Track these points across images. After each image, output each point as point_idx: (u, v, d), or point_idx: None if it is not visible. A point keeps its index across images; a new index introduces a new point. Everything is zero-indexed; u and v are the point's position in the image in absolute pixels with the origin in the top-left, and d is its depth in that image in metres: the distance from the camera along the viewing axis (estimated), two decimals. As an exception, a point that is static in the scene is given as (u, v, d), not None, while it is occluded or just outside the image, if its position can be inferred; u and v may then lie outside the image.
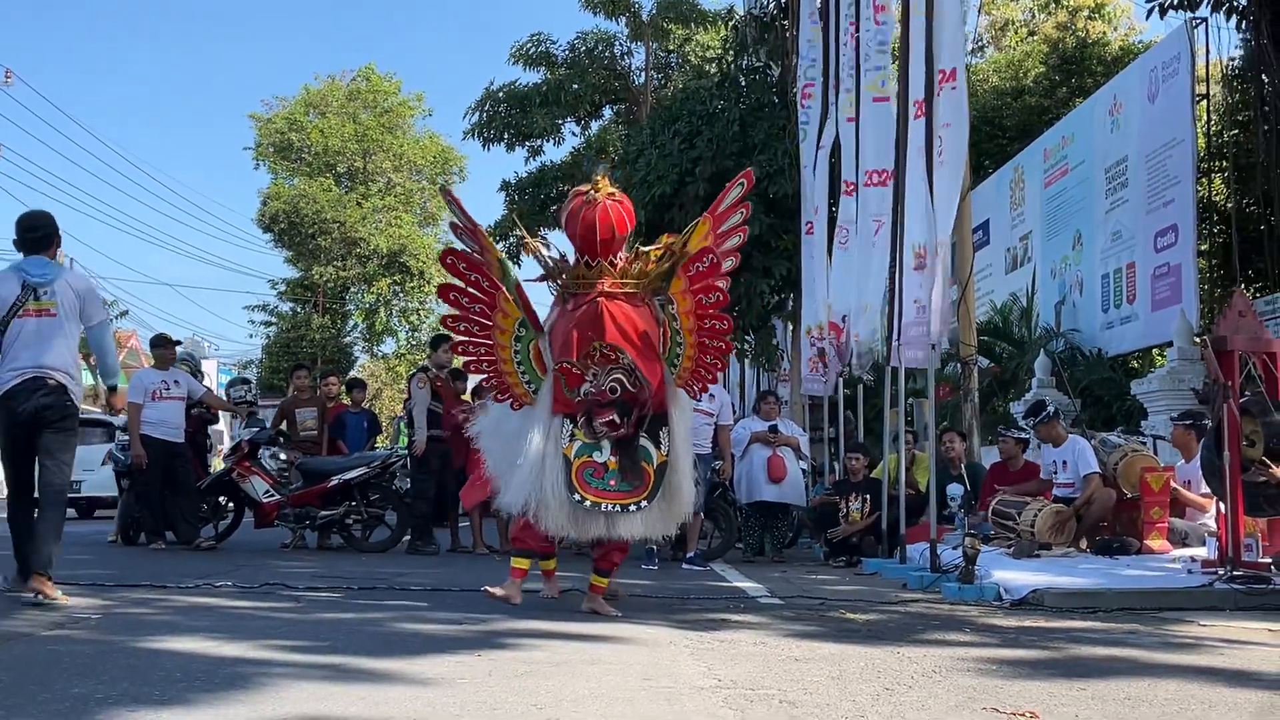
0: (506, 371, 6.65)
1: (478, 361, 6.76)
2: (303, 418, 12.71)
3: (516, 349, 6.65)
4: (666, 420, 6.51)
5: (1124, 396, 15.10)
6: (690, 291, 6.40)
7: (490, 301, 6.62)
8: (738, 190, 6.98)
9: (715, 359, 6.60)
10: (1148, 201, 15.56)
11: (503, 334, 6.64)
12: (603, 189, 6.45)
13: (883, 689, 4.36)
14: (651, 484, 6.39)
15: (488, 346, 6.68)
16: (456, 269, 6.66)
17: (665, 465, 6.43)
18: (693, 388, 6.62)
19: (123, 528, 12.00)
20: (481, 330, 6.67)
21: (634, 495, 6.36)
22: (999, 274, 21.35)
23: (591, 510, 6.30)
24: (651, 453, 6.44)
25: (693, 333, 6.42)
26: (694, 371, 6.52)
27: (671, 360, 6.51)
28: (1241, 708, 4.17)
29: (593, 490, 6.31)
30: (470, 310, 6.66)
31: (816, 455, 14.56)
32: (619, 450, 6.36)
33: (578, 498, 6.28)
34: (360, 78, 49.99)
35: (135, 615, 6.09)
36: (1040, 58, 27.51)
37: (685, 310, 6.42)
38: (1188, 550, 9.07)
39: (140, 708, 3.68)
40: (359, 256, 46.80)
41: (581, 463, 6.34)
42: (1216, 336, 8.06)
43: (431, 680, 4.32)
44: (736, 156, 14.38)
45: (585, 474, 6.33)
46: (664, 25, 26.16)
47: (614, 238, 6.43)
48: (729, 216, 6.95)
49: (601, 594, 6.69)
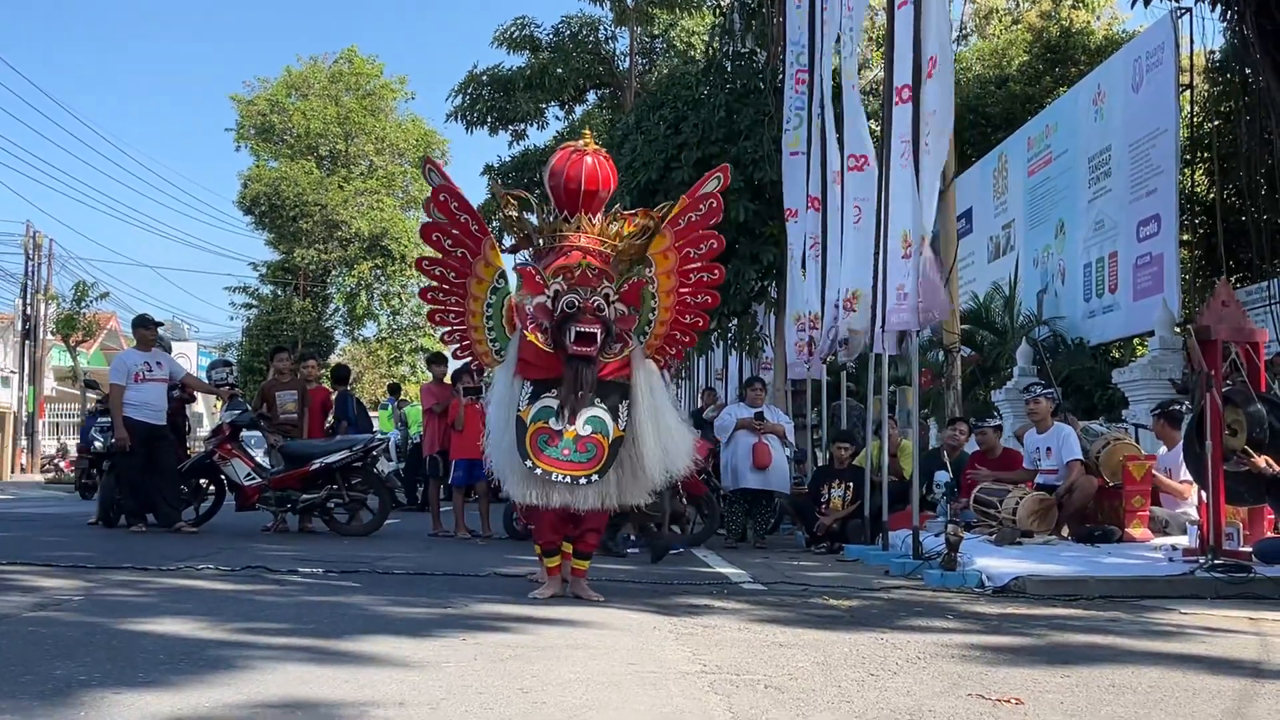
0: (474, 326, 6.62)
1: (444, 312, 6.70)
2: (283, 400, 12.65)
3: (490, 301, 6.61)
4: (628, 392, 6.39)
5: (1105, 385, 15.18)
6: (675, 248, 6.37)
7: (475, 246, 6.57)
8: (714, 183, 6.72)
9: (697, 317, 6.52)
10: (1131, 191, 15.62)
11: (479, 283, 6.60)
12: (590, 145, 6.45)
13: (867, 674, 4.36)
14: (605, 458, 6.26)
15: (459, 298, 6.62)
16: (446, 207, 6.57)
17: (619, 441, 6.30)
18: (665, 355, 6.55)
19: (103, 510, 11.94)
20: (458, 275, 6.60)
21: (586, 467, 6.24)
22: (981, 262, 21.40)
23: (543, 478, 6.20)
24: (608, 425, 6.31)
25: (671, 294, 6.37)
26: (668, 336, 6.47)
27: (642, 329, 6.47)
28: (1224, 695, 4.19)
29: (545, 458, 6.21)
30: (452, 252, 6.58)
31: (800, 442, 14.58)
32: (546, 413, 6.24)
33: (529, 464, 6.20)
34: (343, 60, 49.82)
35: (117, 597, 6.05)
36: (1024, 46, 27.56)
37: (665, 270, 6.38)
38: (1169, 538, 9.12)
39: (124, 689, 3.66)
40: (340, 240, 46.66)
41: (537, 428, 6.24)
42: (1200, 326, 8.09)
43: (416, 663, 4.30)
44: (722, 142, 14.34)
45: (540, 440, 6.22)
46: (648, 10, 26.10)
47: (596, 191, 6.40)
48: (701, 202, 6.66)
49: (583, 577, 6.67)
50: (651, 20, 27.29)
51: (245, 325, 48.40)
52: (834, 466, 11.52)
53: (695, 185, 6.88)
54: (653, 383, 6.51)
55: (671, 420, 6.54)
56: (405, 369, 50.24)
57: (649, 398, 6.43)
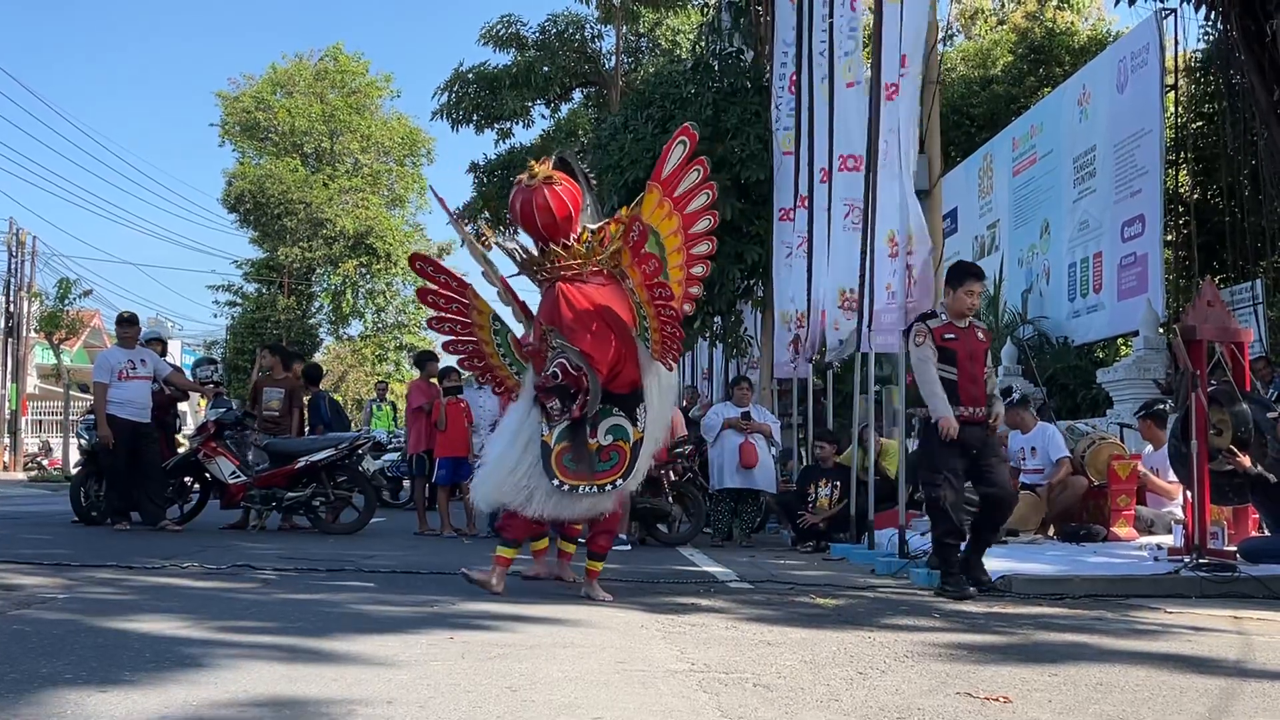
0: (496, 366, 6.85)
1: (468, 358, 6.97)
2: (268, 398, 12.59)
3: (497, 340, 6.82)
4: (642, 396, 6.51)
5: (1090, 385, 15.22)
6: (635, 265, 6.39)
7: (462, 298, 6.81)
8: (680, 149, 6.49)
9: (673, 328, 6.57)
10: (1115, 191, 15.65)
11: (481, 329, 6.82)
12: (539, 173, 6.36)
13: (856, 673, 4.36)
14: (627, 462, 6.43)
15: (473, 343, 6.85)
16: (425, 272, 6.90)
17: (640, 443, 6.46)
18: (666, 359, 6.58)
19: (77, 507, 11.78)
20: (463, 327, 6.85)
21: (611, 475, 6.41)
22: (967, 262, 21.39)
23: (570, 493, 6.34)
24: (628, 430, 6.44)
25: (650, 304, 6.41)
26: (661, 342, 6.51)
27: (642, 334, 6.48)
28: (1209, 693, 4.21)
29: (570, 474, 6.33)
30: (449, 309, 6.82)
31: (786, 441, 14.59)
32: (568, 433, 6.33)
33: (557, 482, 6.31)
34: (328, 57, 49.62)
35: (102, 595, 6.03)
36: (1009, 47, 27.60)
37: (638, 283, 6.40)
38: (1154, 538, 9.16)
39: (110, 687, 3.64)
40: (325, 238, 46.48)
41: (561, 448, 6.34)
42: (1185, 326, 8.11)
43: (403, 662, 4.29)
44: (709, 141, 14.31)
45: (564, 459, 6.34)
46: (634, 8, 26.06)
47: (555, 220, 6.34)
48: (682, 178, 6.54)
49: (595, 578, 6.73)
50: (637, 18, 27.26)
51: (229, 323, 48.20)
52: (819, 466, 11.53)
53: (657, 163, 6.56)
54: (665, 391, 6.68)
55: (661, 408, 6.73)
56: (390, 367, 50.13)
57: (659, 403, 6.61)
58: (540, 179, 6.34)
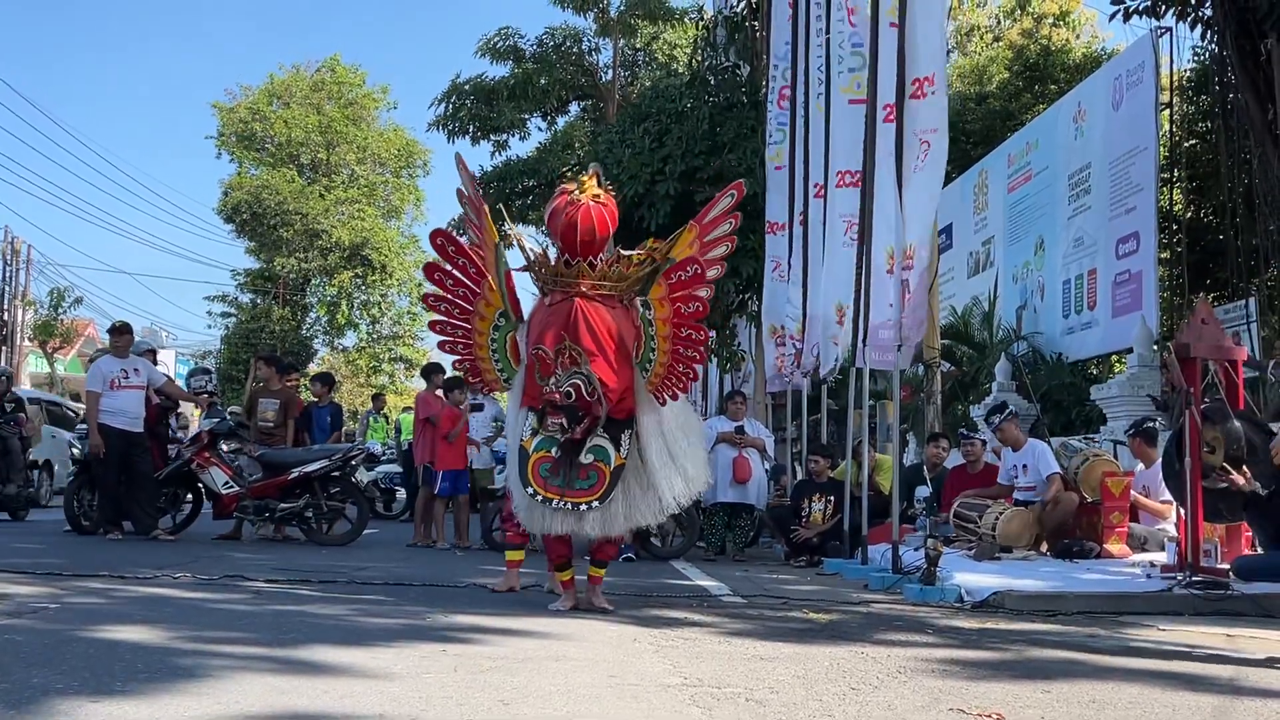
0: (482, 359, 6.73)
1: (452, 343, 6.80)
2: (263, 408, 12.58)
3: (494, 338, 6.70)
4: (632, 424, 6.42)
5: (1084, 402, 15.23)
6: (669, 299, 6.39)
7: (474, 288, 6.66)
8: (728, 200, 6.84)
9: (688, 369, 6.56)
10: (1110, 208, 15.70)
11: (483, 321, 6.70)
12: (588, 189, 6.32)
13: (849, 689, 4.36)
14: (605, 485, 6.31)
15: (465, 329, 6.72)
16: (445, 251, 6.70)
17: (621, 468, 6.34)
18: (662, 394, 6.55)
19: (71, 516, 11.75)
20: (461, 314, 6.71)
21: (587, 495, 6.29)
22: (961, 278, 21.46)
23: (544, 505, 6.26)
24: (609, 454, 6.34)
25: (668, 339, 6.38)
26: (665, 378, 6.48)
27: (644, 364, 6.46)
28: (1202, 710, 4.21)
29: (545, 486, 6.27)
30: (454, 292, 6.69)
31: (780, 455, 14.60)
32: (562, 451, 6.31)
33: (530, 491, 6.26)
34: (325, 69, 49.67)
35: (93, 605, 6.00)
36: (1004, 63, 27.69)
37: (663, 317, 6.40)
38: (1147, 555, 9.15)
39: (102, 698, 3.63)
40: (321, 249, 46.44)
41: (539, 457, 6.30)
42: (1180, 343, 8.13)
43: (396, 674, 4.28)
44: (705, 155, 14.38)
45: (542, 469, 6.28)
46: (631, 22, 26.17)
47: (594, 239, 6.29)
48: (717, 225, 6.80)
49: (599, 584, 6.74)
50: (634, 32, 27.36)
51: (224, 333, 48.16)
52: (813, 480, 11.53)
53: (706, 207, 6.94)
54: (659, 422, 6.50)
55: (685, 444, 6.60)
56: (384, 378, 50.08)
57: (657, 428, 6.47)
58: (589, 195, 6.30)
